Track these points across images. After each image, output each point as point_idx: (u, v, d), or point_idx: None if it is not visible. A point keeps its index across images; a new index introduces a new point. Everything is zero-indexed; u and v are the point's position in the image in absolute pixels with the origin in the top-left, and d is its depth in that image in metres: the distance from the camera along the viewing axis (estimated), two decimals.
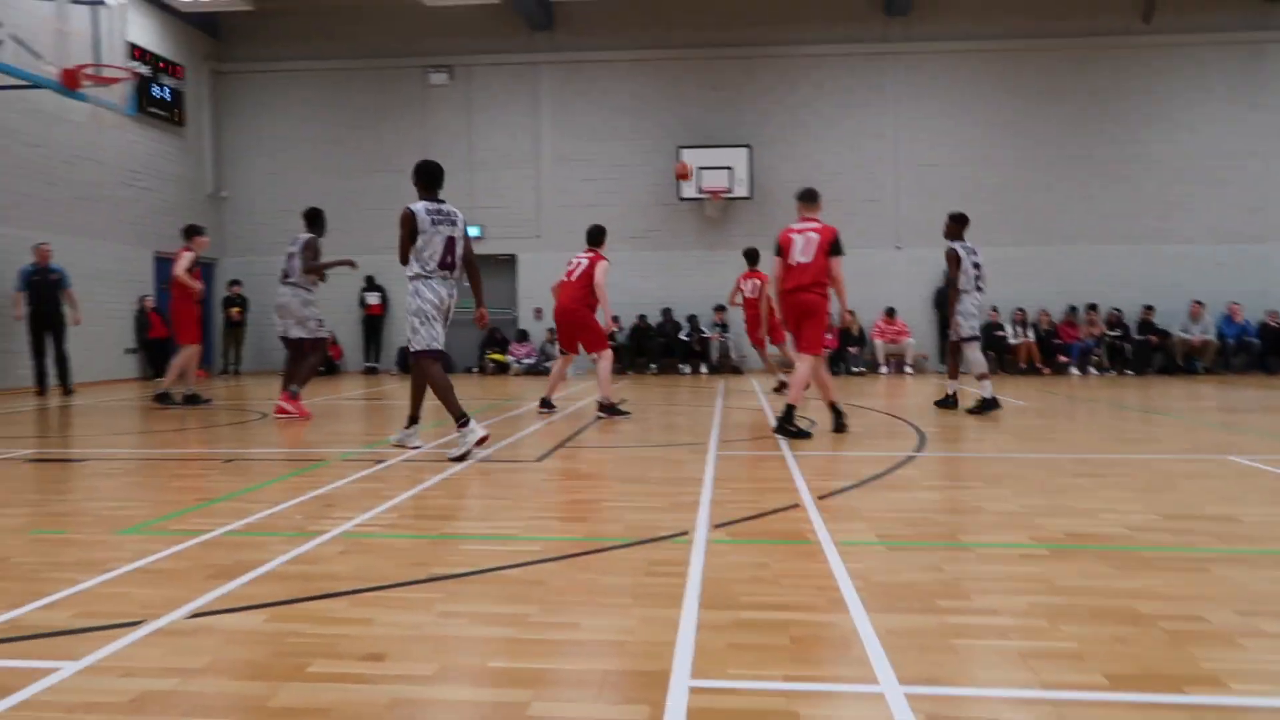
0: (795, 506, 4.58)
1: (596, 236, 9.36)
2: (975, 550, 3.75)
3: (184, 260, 10.02)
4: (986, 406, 8.93)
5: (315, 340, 9.08)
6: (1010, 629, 2.78)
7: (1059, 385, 13.81)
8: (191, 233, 10.30)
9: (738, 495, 4.90)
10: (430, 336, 6.34)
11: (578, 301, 8.99)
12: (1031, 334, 16.74)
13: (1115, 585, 3.22)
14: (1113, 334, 16.58)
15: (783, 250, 7.36)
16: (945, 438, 7.50)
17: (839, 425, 7.52)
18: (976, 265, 9.18)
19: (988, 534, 4.04)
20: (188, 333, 10.28)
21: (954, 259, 9.08)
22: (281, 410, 8.79)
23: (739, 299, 12.21)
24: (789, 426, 7.14)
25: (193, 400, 10.42)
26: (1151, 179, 17.19)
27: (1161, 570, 3.43)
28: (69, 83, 9.29)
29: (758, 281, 11.84)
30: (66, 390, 12.65)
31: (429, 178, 6.44)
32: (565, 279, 9.17)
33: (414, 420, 6.76)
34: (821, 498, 4.80)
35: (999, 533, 4.05)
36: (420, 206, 6.33)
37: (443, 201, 6.46)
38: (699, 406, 10.40)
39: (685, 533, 4.02)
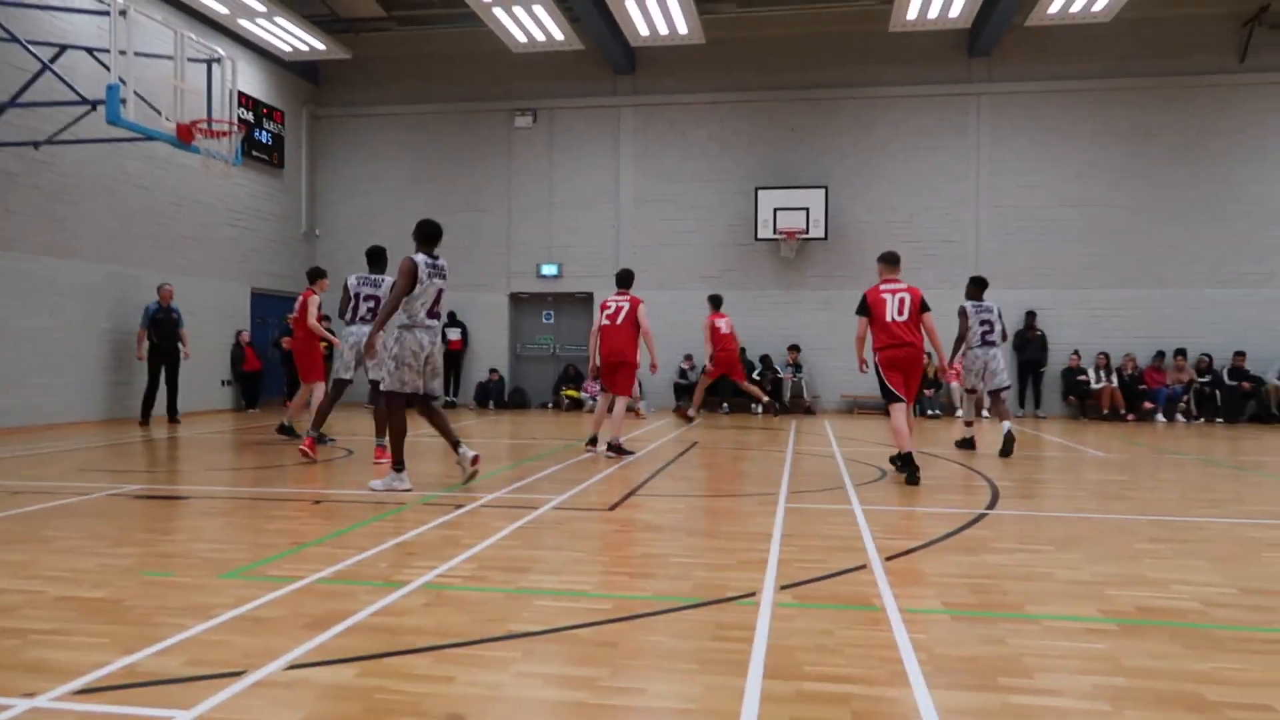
0: (862, 568, 4.65)
1: (629, 279, 10.12)
2: (1041, 623, 3.77)
3: (312, 306, 10.31)
4: (965, 444, 10.41)
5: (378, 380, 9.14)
6: (1071, 711, 2.82)
7: (1144, 434, 13.45)
8: (315, 276, 10.71)
9: (805, 554, 4.98)
10: (400, 380, 6.97)
11: (629, 342, 9.63)
12: (1115, 379, 16.33)
13: (1184, 667, 3.22)
14: (1202, 380, 16.07)
15: (873, 310, 7.92)
16: (1019, 493, 7.43)
17: (911, 477, 7.66)
18: (985, 322, 10.17)
19: (1056, 604, 4.05)
20: (315, 371, 10.45)
21: (961, 315, 10.28)
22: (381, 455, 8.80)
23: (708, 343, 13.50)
24: (915, 472, 7.62)
25: (288, 432, 10.83)
26: (1245, 221, 16.67)
27: (1234, 652, 3.41)
28: (184, 137, 9.91)
29: (730, 320, 13.55)
30: (173, 419, 13.52)
31: (429, 235, 7.14)
32: (609, 323, 9.72)
33: (456, 447, 7.30)
34: (889, 559, 4.85)
35: (1067, 603, 4.06)
36: (421, 258, 6.97)
37: (437, 257, 7.10)
38: (770, 451, 10.46)
39: (752, 594, 4.12)
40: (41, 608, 3.82)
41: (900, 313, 7.84)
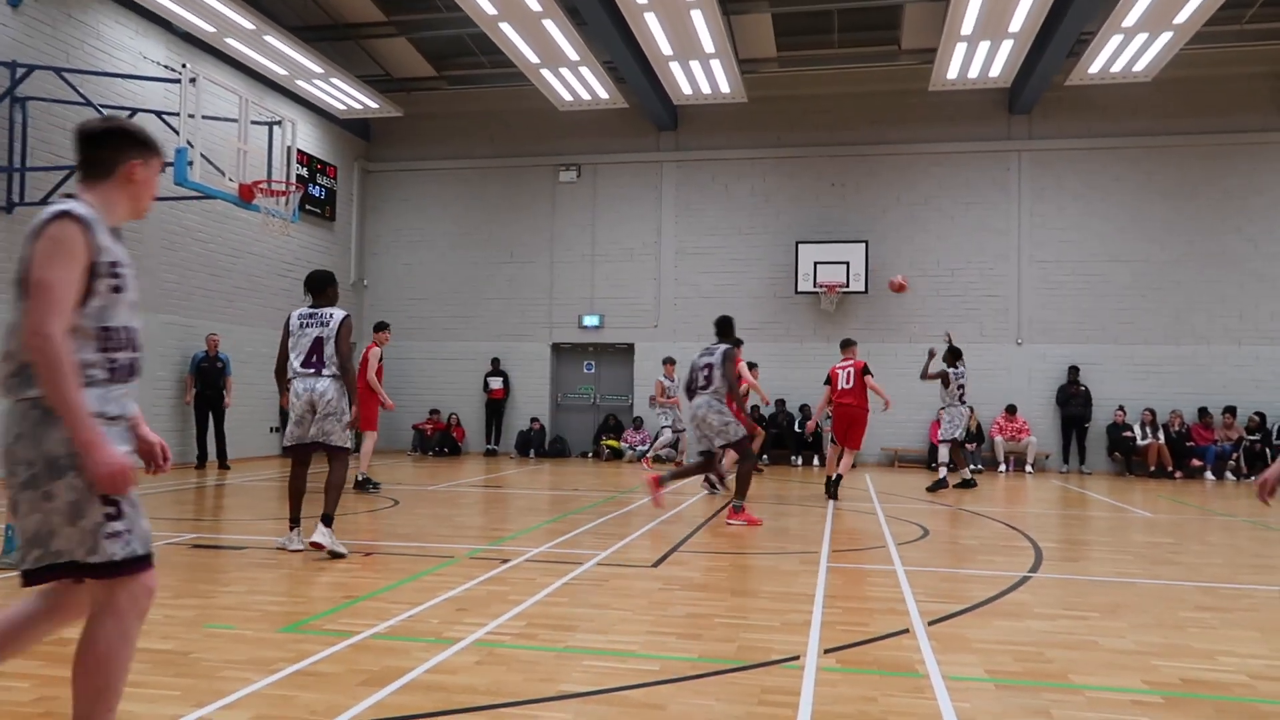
0: (905, 632, 4.69)
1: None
2: (1085, 693, 3.79)
3: (372, 360, 10.55)
4: (937, 486, 12.42)
5: (734, 443, 8.90)
6: None
7: (1192, 493, 13.25)
8: (379, 329, 10.99)
9: (848, 616, 5.03)
10: (290, 435, 6.89)
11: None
12: (1161, 436, 16.12)
13: None
14: (1252, 438, 15.81)
15: (832, 381, 11.32)
16: (1063, 555, 7.40)
17: (832, 493, 10.76)
18: (960, 386, 12.50)
19: (1100, 674, 4.06)
20: (370, 421, 10.66)
21: (944, 379, 12.55)
22: (734, 516, 8.61)
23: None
24: (835, 492, 10.87)
25: (364, 486, 10.78)
26: None
27: None
28: (246, 196, 10.34)
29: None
30: (223, 466, 13.96)
31: (309, 287, 7.08)
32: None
33: (326, 522, 6.61)
34: (932, 623, 4.89)
35: (1112, 674, 4.07)
36: (295, 312, 6.97)
37: (318, 307, 6.93)
38: (811, 507, 10.47)
39: (796, 657, 4.19)
40: None
41: (847, 381, 11.11)
